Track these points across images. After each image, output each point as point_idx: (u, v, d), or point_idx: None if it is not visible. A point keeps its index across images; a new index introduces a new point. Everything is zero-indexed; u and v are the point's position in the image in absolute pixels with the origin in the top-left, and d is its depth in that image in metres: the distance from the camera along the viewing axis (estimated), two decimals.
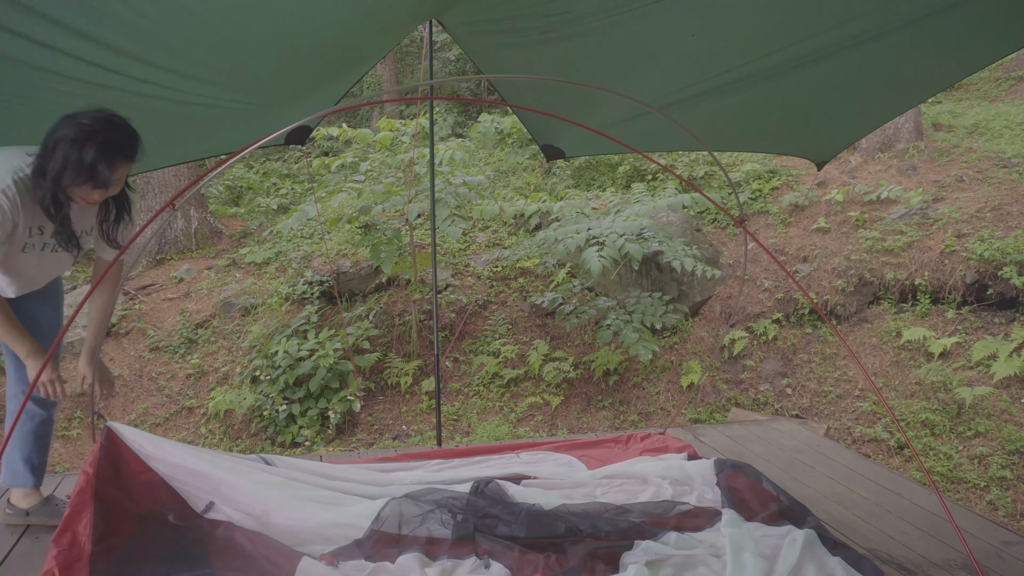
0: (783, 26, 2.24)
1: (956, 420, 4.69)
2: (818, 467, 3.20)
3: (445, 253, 6.78)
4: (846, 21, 2.17)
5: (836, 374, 5.44)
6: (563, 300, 6.03)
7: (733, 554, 2.08)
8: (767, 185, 7.09)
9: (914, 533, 2.54)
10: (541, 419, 5.37)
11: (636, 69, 2.66)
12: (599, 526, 2.24)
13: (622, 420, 5.37)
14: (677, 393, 5.55)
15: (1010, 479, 4.23)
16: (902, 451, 4.65)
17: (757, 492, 2.53)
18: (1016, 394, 4.73)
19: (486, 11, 2.44)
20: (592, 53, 2.60)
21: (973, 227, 5.74)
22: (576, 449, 3.17)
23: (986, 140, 7.07)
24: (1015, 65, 9.31)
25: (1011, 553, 2.40)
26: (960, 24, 2.18)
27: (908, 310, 5.65)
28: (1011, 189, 6.03)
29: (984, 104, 8.68)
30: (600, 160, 8.13)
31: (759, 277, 6.25)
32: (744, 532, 2.22)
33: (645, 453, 3.09)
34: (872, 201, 6.45)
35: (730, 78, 2.60)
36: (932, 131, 7.53)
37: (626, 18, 2.24)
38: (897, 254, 5.86)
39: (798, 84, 2.64)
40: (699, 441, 3.47)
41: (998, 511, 4.05)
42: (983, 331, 5.24)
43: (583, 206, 6.14)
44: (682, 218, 6.45)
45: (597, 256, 4.97)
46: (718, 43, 2.40)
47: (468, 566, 2.06)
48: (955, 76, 2.78)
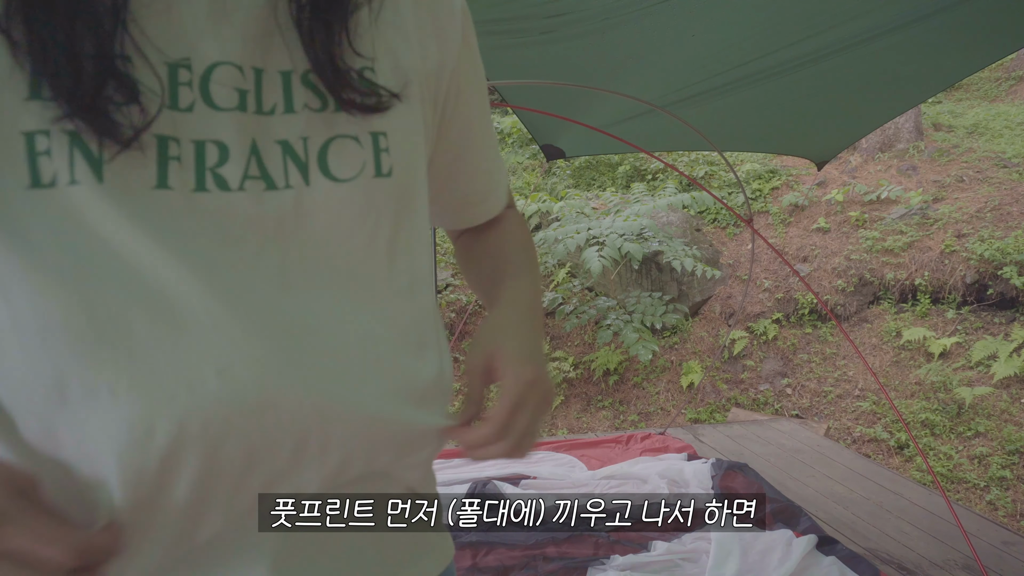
0: (783, 26, 2.24)
1: (956, 420, 4.69)
2: (818, 467, 3.20)
3: (445, 253, 6.78)
4: (846, 21, 2.17)
5: (836, 374, 5.44)
6: (563, 300, 6.02)
7: (717, 557, 2.09)
8: (767, 185, 7.08)
9: (914, 533, 2.54)
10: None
11: (636, 69, 2.67)
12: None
13: (622, 420, 5.37)
14: (677, 393, 5.54)
15: (1010, 479, 4.23)
16: (902, 451, 4.65)
17: (753, 492, 2.53)
18: (1016, 394, 4.73)
19: (486, 12, 2.44)
20: (592, 53, 2.60)
21: (973, 227, 5.74)
22: (576, 449, 3.17)
23: (986, 140, 7.06)
24: (1015, 65, 9.31)
25: (1011, 553, 2.40)
26: (960, 24, 2.18)
27: (908, 310, 5.65)
28: (1011, 189, 6.03)
29: (984, 104, 8.68)
30: (600, 160, 8.13)
31: (759, 277, 6.25)
32: (732, 535, 2.23)
33: (645, 453, 3.09)
34: (872, 201, 6.44)
35: (730, 78, 2.60)
36: (932, 131, 7.52)
37: (626, 19, 2.24)
38: (897, 254, 5.86)
39: (798, 84, 2.64)
40: (699, 441, 3.47)
41: (998, 511, 4.05)
42: (983, 331, 5.24)
43: (583, 206, 6.14)
44: (682, 218, 6.45)
45: (597, 256, 4.96)
46: (718, 43, 2.40)
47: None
48: (955, 76, 2.78)
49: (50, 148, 0.40)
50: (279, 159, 0.46)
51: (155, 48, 0.43)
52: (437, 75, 0.57)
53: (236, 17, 0.46)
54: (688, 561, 2.15)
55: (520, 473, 2.74)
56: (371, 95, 0.50)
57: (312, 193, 0.47)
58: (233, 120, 0.45)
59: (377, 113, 0.50)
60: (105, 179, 0.41)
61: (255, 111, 0.46)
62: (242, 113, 0.45)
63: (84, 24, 0.40)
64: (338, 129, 0.49)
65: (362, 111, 0.49)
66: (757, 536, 2.26)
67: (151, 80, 0.43)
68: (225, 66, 0.45)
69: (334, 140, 0.48)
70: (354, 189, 0.49)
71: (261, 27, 0.47)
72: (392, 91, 0.51)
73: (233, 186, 0.45)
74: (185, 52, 0.44)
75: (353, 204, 0.49)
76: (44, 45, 0.40)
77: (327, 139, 0.48)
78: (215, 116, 0.45)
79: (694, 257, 5.47)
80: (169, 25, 0.44)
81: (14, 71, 0.40)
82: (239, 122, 0.45)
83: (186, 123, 0.44)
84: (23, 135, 0.40)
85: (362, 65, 0.50)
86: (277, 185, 0.46)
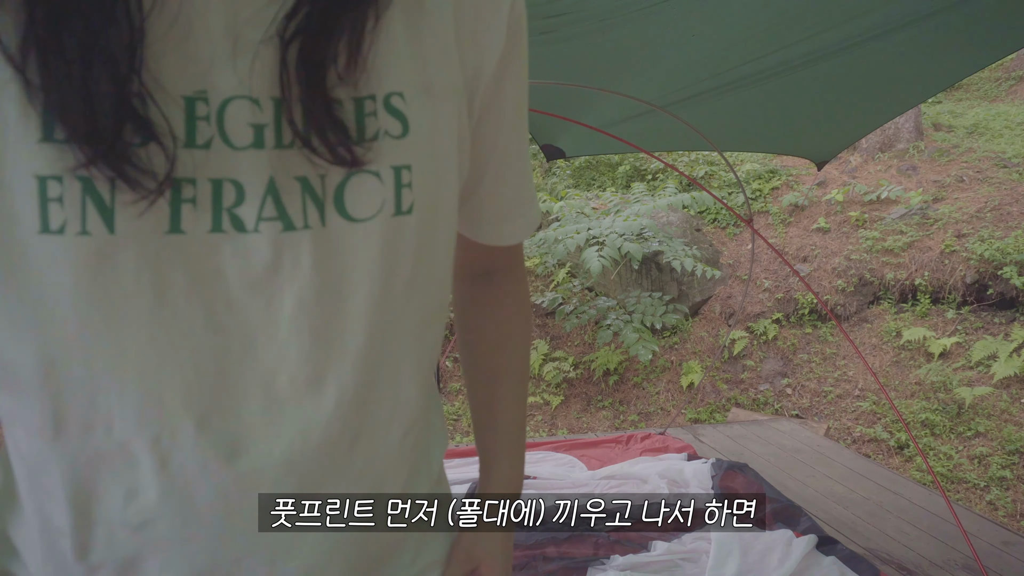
0: (783, 26, 2.24)
1: (956, 420, 4.69)
2: (818, 467, 3.20)
3: None
4: (846, 21, 2.17)
5: (836, 374, 5.44)
6: (563, 300, 6.03)
7: (717, 557, 2.09)
8: (767, 185, 7.09)
9: (914, 533, 2.54)
10: (541, 419, 5.37)
11: (636, 69, 2.67)
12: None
13: (622, 420, 5.37)
14: (677, 393, 5.54)
15: (1010, 479, 4.23)
16: (902, 451, 4.65)
17: (753, 492, 2.53)
18: (1016, 394, 4.73)
19: None
20: (592, 53, 2.60)
21: (973, 227, 5.74)
22: (576, 449, 3.17)
23: (986, 140, 7.06)
24: (1015, 65, 9.31)
25: (1011, 553, 2.40)
26: (960, 24, 2.18)
27: (908, 310, 5.65)
28: (1011, 189, 6.03)
29: (984, 104, 8.68)
30: (600, 160, 8.13)
31: (759, 277, 6.25)
32: (732, 535, 2.23)
33: (645, 453, 3.10)
34: (872, 201, 6.44)
35: (730, 78, 2.60)
36: (932, 131, 7.52)
37: (626, 19, 2.24)
38: (897, 254, 5.86)
39: (798, 84, 2.64)
40: (699, 441, 3.47)
41: (998, 511, 4.05)
42: (983, 331, 5.24)
43: (583, 206, 6.14)
44: (682, 218, 6.45)
45: (597, 256, 4.97)
46: (718, 43, 2.40)
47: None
48: (955, 76, 2.78)
49: (62, 195, 0.39)
50: (298, 197, 0.44)
51: (172, 81, 0.41)
52: (473, 83, 0.52)
53: (252, 47, 0.43)
54: (688, 561, 2.15)
55: None
56: (353, 144, 0.44)
57: (328, 234, 0.44)
58: (249, 158, 0.43)
59: (396, 145, 0.46)
60: (117, 230, 0.40)
61: (273, 146, 0.43)
62: (258, 150, 0.43)
63: (100, 61, 0.38)
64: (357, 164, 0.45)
65: (339, 161, 0.43)
66: (757, 536, 2.26)
67: (169, 116, 0.41)
68: (240, 100, 0.43)
69: (353, 176, 0.44)
70: (370, 230, 0.45)
71: (279, 56, 0.43)
72: (404, 124, 0.46)
73: (249, 227, 0.43)
74: (202, 84, 0.42)
75: (369, 246, 0.46)
76: (59, 85, 0.38)
77: (346, 175, 0.44)
78: (232, 154, 0.42)
79: (694, 257, 5.47)
80: (186, 56, 0.42)
81: (28, 111, 0.39)
82: (255, 159, 0.43)
83: (204, 161, 0.42)
84: (36, 178, 0.39)
85: (363, 101, 0.45)
86: (296, 225, 0.44)
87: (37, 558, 0.48)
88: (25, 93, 0.39)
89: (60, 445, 0.44)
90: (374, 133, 0.45)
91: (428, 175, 0.48)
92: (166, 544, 0.46)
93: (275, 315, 0.44)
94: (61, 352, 0.42)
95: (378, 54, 0.45)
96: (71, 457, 0.44)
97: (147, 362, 0.43)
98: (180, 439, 0.44)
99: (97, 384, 0.43)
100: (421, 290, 0.50)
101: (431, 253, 0.50)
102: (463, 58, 0.51)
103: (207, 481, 0.45)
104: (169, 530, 0.45)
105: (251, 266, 0.43)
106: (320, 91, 0.43)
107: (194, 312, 0.43)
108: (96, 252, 0.40)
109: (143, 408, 0.43)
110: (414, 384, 0.52)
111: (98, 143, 0.39)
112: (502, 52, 0.53)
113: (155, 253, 0.41)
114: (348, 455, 0.48)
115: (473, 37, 0.51)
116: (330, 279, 0.45)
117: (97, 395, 0.43)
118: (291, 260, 0.44)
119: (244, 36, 0.43)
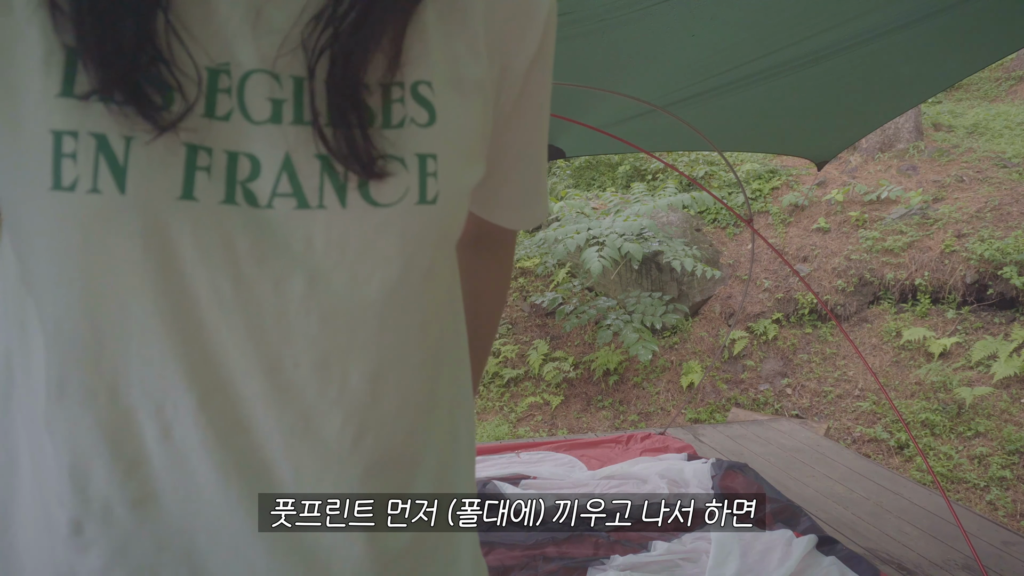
0: (783, 26, 2.24)
1: (956, 420, 4.69)
2: (818, 467, 3.20)
3: None
4: (846, 21, 2.17)
5: (836, 374, 5.44)
6: (563, 300, 6.03)
7: (717, 557, 2.09)
8: (767, 185, 7.09)
9: (914, 533, 2.54)
10: (541, 419, 5.37)
11: (636, 69, 2.67)
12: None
13: (622, 420, 5.37)
14: (677, 393, 5.54)
15: (1010, 479, 4.23)
16: (902, 451, 4.65)
17: (753, 492, 2.53)
18: (1016, 394, 4.73)
19: None
20: (592, 53, 2.60)
21: (973, 227, 5.74)
22: (576, 449, 3.17)
23: (986, 140, 7.06)
24: (1015, 65, 9.31)
25: (1011, 553, 2.40)
26: (960, 24, 2.18)
27: (908, 310, 5.65)
28: (1011, 189, 6.03)
29: (984, 104, 8.68)
30: (600, 160, 8.13)
31: (759, 277, 6.25)
32: (732, 535, 2.23)
33: (645, 453, 3.10)
34: (872, 201, 6.44)
35: (730, 78, 2.61)
36: (932, 131, 7.52)
37: (626, 19, 2.24)
38: (897, 254, 5.86)
39: (798, 84, 2.64)
40: (699, 441, 3.47)
41: (998, 511, 4.05)
42: (983, 331, 5.24)
43: (583, 206, 6.15)
44: (682, 218, 6.45)
45: (597, 256, 4.97)
46: (718, 43, 2.40)
47: None
48: (955, 76, 2.78)
49: (75, 151, 0.39)
50: (316, 175, 0.43)
51: (198, 47, 0.42)
52: (500, 81, 0.52)
53: (278, 25, 0.43)
54: (688, 561, 2.15)
55: (520, 473, 2.74)
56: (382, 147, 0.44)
57: (346, 216, 0.44)
58: (266, 132, 0.43)
59: (424, 133, 0.45)
60: (128, 190, 0.40)
61: (291, 121, 0.43)
62: (275, 125, 0.43)
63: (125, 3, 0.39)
64: (384, 148, 0.44)
65: (363, 173, 0.43)
66: (757, 536, 2.26)
67: (191, 78, 0.41)
68: (259, 74, 0.43)
69: (377, 160, 0.44)
70: (392, 216, 0.45)
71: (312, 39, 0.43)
72: (432, 113, 0.46)
73: (262, 202, 0.43)
74: (225, 57, 0.42)
75: (390, 232, 0.45)
76: (86, 13, 0.39)
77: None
78: (251, 128, 0.42)
79: (694, 257, 5.47)
80: (210, 27, 0.42)
81: (48, 63, 0.39)
82: (272, 134, 0.43)
83: (222, 132, 0.42)
84: (51, 133, 0.39)
85: (394, 88, 0.45)
86: (310, 204, 0.43)
87: (28, 534, 0.47)
88: (52, 23, 0.39)
89: (63, 409, 0.43)
90: (400, 120, 0.45)
91: (454, 166, 0.47)
92: (164, 525, 0.44)
93: (284, 294, 0.43)
94: (67, 313, 0.42)
95: (409, 44, 0.45)
96: (73, 421, 0.43)
97: (151, 330, 0.42)
98: (182, 412, 0.43)
99: (102, 348, 0.42)
100: (437, 281, 0.50)
101: (450, 245, 0.50)
102: (491, 56, 0.51)
103: (208, 459, 0.43)
104: (169, 506, 0.44)
105: (261, 242, 0.43)
106: (349, 75, 0.43)
107: (200, 283, 0.42)
108: (105, 211, 0.40)
109: (147, 377, 0.42)
110: (422, 378, 0.51)
111: (118, 63, 0.39)
112: (535, 53, 0.53)
113: (165, 218, 0.41)
114: (351, 446, 0.47)
115: (505, 37, 0.51)
116: (344, 262, 0.44)
117: (102, 359, 0.42)
118: (303, 239, 0.43)
119: (266, 12, 0.43)
